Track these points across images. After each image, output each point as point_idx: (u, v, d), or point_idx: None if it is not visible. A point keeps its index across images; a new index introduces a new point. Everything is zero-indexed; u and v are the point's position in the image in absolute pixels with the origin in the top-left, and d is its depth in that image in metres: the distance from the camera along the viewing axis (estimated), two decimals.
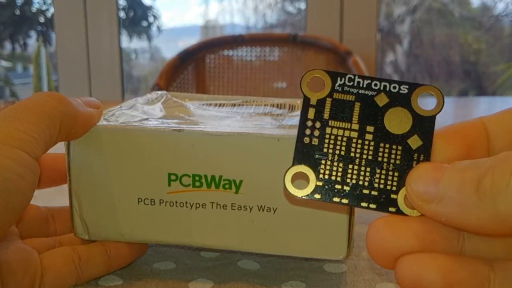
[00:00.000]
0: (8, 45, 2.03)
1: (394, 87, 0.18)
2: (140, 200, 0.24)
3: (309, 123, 0.18)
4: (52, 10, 1.68)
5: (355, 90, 0.18)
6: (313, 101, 0.18)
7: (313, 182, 0.17)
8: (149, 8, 1.98)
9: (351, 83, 0.18)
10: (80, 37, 1.52)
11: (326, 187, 0.17)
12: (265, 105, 0.30)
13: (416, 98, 0.18)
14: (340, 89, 0.18)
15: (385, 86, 0.18)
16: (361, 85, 0.18)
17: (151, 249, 0.28)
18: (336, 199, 0.17)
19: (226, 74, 1.25)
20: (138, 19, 1.95)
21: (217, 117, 0.27)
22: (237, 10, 1.80)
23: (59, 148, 0.24)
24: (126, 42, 1.86)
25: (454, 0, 1.83)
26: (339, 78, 0.18)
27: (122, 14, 1.76)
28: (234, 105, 0.30)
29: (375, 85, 0.18)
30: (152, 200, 0.24)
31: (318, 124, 0.18)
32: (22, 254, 0.22)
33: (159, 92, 0.32)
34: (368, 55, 1.36)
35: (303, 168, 0.17)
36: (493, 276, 0.17)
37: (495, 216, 0.15)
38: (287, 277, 0.25)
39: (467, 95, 1.87)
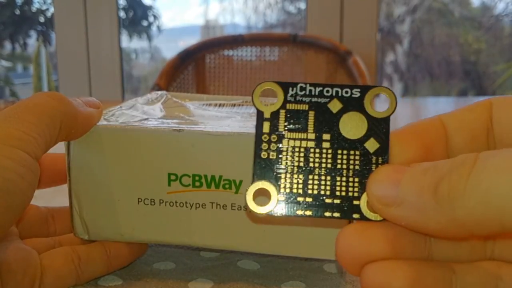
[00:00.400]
0: (8, 45, 2.03)
1: (346, 92, 0.18)
2: (140, 200, 0.24)
3: (265, 137, 0.18)
4: (52, 10, 1.68)
5: (307, 99, 0.18)
6: (266, 114, 0.18)
7: (274, 198, 0.17)
8: (149, 8, 1.98)
9: (303, 92, 0.18)
10: (80, 37, 1.52)
11: (288, 201, 0.17)
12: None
13: (369, 101, 0.18)
14: (292, 99, 0.18)
15: (337, 92, 0.18)
16: (313, 93, 0.18)
17: (151, 249, 0.28)
18: (299, 212, 0.17)
19: (226, 74, 1.25)
20: (138, 19, 1.95)
21: (217, 117, 0.27)
22: (237, 10, 1.80)
23: (59, 148, 0.24)
24: (126, 42, 1.86)
25: (454, 0, 1.83)
26: (290, 88, 0.18)
27: (122, 14, 1.76)
28: (234, 105, 0.30)
29: (327, 91, 0.18)
30: (152, 200, 0.24)
31: (274, 138, 0.17)
32: (22, 254, 0.22)
33: (159, 92, 0.32)
34: (368, 55, 1.36)
35: (263, 184, 0.17)
36: (455, 280, 0.17)
37: (454, 221, 0.14)
38: (287, 277, 0.25)
39: (466, 95, 1.87)
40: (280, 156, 0.17)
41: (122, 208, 0.24)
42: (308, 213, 0.17)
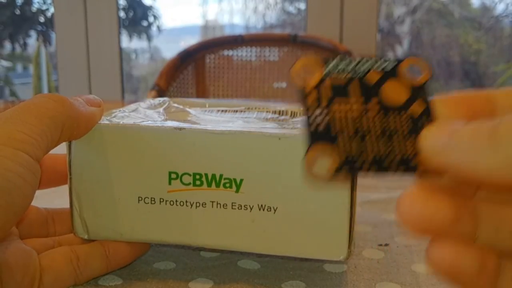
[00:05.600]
0: (8, 45, 2.03)
1: (383, 62, 0.18)
2: (140, 198, 0.24)
3: (311, 111, 0.18)
4: (52, 10, 1.68)
5: (347, 71, 0.18)
6: (309, 89, 0.18)
7: (333, 160, 0.17)
8: (149, 8, 1.98)
9: (343, 65, 0.18)
10: (80, 37, 1.52)
11: (347, 164, 0.17)
12: (267, 111, 0.30)
13: (405, 70, 0.18)
14: (332, 72, 0.18)
15: (374, 63, 0.18)
16: (352, 65, 0.18)
17: (151, 248, 0.28)
18: (361, 171, 0.17)
19: (226, 74, 1.25)
20: (138, 19, 1.95)
21: (219, 121, 0.27)
22: (237, 10, 1.80)
23: (61, 147, 0.24)
24: (126, 42, 1.86)
25: (454, 1, 1.83)
26: (330, 61, 0.18)
27: (122, 14, 1.76)
28: (236, 111, 0.30)
29: (365, 63, 0.18)
30: (153, 199, 0.24)
31: (319, 111, 0.18)
32: (22, 255, 0.22)
33: (161, 98, 0.32)
34: (368, 55, 1.36)
35: (319, 149, 0.17)
36: (502, 268, 0.17)
37: (507, 164, 0.14)
38: (287, 277, 0.25)
39: None
40: (328, 127, 0.17)
41: (122, 207, 0.24)
42: (370, 171, 0.17)
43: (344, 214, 0.22)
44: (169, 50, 2.01)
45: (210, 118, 0.28)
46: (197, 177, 0.23)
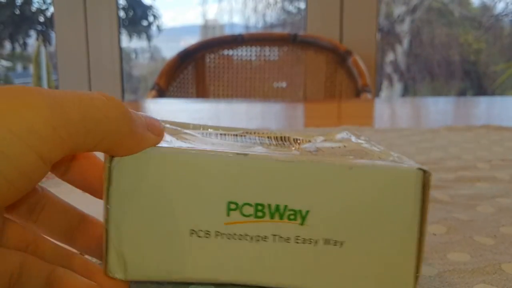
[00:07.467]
0: (8, 45, 2.03)
1: None
2: (192, 232, 0.21)
3: None
4: (52, 9, 1.68)
5: None
6: None
7: None
8: (149, 7, 1.98)
9: None
10: (80, 37, 1.52)
11: None
12: (268, 137, 0.28)
13: None
14: None
15: None
16: None
17: None
18: None
19: (226, 73, 1.25)
20: (138, 19, 1.96)
21: (239, 146, 0.24)
22: (237, 9, 1.80)
23: None
24: (126, 42, 1.87)
25: (454, 0, 1.83)
26: None
27: (122, 13, 1.76)
28: (236, 135, 0.27)
29: None
30: (207, 232, 0.21)
31: None
32: None
33: None
34: (368, 55, 1.36)
35: None
36: None
37: None
38: None
39: (466, 95, 1.87)
40: None
41: (171, 242, 0.21)
42: None
43: (412, 250, 0.21)
44: (169, 50, 2.02)
45: (226, 142, 0.26)
46: (259, 208, 0.21)
